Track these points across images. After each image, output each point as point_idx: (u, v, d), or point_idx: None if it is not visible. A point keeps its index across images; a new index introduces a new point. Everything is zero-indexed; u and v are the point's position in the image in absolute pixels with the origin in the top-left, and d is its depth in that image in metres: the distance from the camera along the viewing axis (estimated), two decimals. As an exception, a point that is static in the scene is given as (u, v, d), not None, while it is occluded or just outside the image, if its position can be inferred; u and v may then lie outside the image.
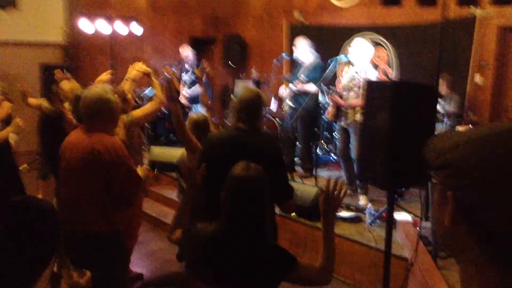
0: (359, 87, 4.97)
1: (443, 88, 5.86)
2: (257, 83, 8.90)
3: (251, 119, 2.76)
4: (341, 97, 5.14)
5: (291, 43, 8.27)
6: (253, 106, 2.77)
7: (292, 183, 4.83)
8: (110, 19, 8.10)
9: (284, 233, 4.62)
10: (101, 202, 2.69)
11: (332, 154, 7.05)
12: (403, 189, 4.50)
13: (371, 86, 2.66)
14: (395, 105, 2.50)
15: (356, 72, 5.02)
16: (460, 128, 4.33)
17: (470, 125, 5.78)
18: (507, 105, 5.51)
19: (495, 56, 6.07)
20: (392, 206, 2.66)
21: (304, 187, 4.74)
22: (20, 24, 8.69)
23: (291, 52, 7.28)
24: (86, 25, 8.07)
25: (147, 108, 3.76)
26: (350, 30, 7.62)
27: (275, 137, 6.59)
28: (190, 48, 7.33)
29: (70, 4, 9.11)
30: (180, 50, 7.32)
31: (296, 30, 8.37)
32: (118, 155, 2.70)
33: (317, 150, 6.52)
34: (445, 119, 5.60)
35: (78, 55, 9.12)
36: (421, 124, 2.51)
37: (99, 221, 2.69)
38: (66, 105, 4.17)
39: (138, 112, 3.66)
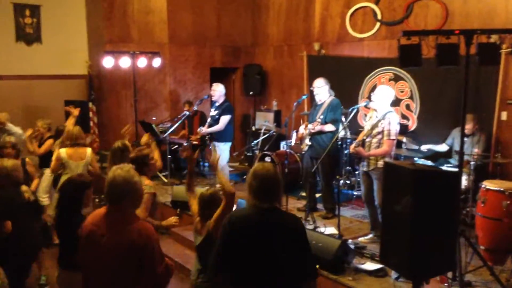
0: (381, 134, 4.96)
1: (469, 126, 5.75)
2: (277, 115, 8.92)
3: (270, 198, 2.73)
4: (363, 143, 5.10)
5: (310, 74, 8.31)
6: (270, 185, 2.74)
7: (314, 234, 4.85)
8: (133, 55, 8.22)
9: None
10: None
11: (355, 192, 6.97)
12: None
13: (390, 169, 2.62)
14: (417, 192, 2.46)
15: (379, 120, 4.99)
16: (487, 183, 4.22)
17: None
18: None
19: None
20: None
21: (326, 239, 4.67)
22: (46, 59, 8.92)
23: (310, 84, 7.29)
24: (109, 61, 8.21)
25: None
26: (370, 62, 7.58)
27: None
28: (223, 86, 7.33)
29: (94, 39, 9.31)
30: (214, 86, 7.33)
31: (316, 61, 8.39)
32: (150, 238, 2.68)
33: (339, 185, 6.43)
34: (471, 162, 5.48)
35: (102, 89, 9.29)
36: (445, 211, 2.46)
37: None
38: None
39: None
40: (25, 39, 8.82)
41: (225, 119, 7.11)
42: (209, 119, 7.39)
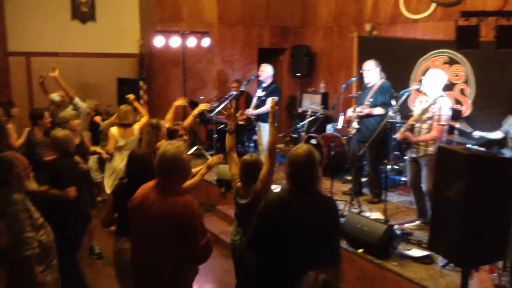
0: (432, 120, 4.82)
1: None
2: (324, 97, 8.81)
3: (302, 181, 2.72)
4: (412, 129, 4.97)
5: (360, 55, 8.13)
6: (304, 168, 2.71)
7: (359, 218, 4.80)
8: (183, 35, 8.32)
9: (350, 269, 4.58)
10: (177, 262, 2.80)
11: (402, 177, 6.83)
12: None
13: (443, 154, 2.54)
14: (471, 178, 2.38)
15: (430, 104, 4.83)
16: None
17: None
18: None
19: None
20: (466, 283, 2.55)
21: (372, 223, 4.62)
22: (99, 37, 9.17)
23: (359, 66, 7.13)
24: (160, 41, 8.34)
25: (195, 180, 4.01)
26: (424, 44, 7.32)
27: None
28: (271, 67, 7.28)
29: (145, 18, 9.46)
30: (262, 66, 7.29)
31: (367, 42, 8.20)
32: (194, 212, 2.79)
33: (386, 170, 6.28)
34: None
35: (152, 67, 9.46)
36: (499, 199, 2.37)
37: (173, 282, 2.82)
38: None
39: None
40: (80, 17, 9.08)
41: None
42: (255, 100, 7.41)
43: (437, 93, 4.90)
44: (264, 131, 7.26)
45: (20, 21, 8.48)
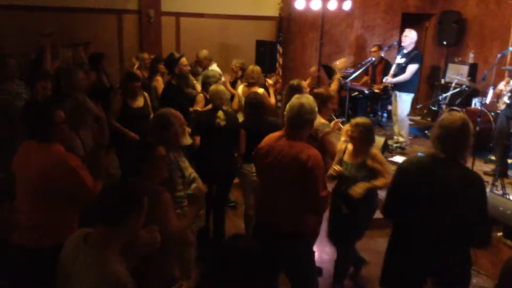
0: None
1: None
2: (472, 69, 8.08)
3: (451, 150, 2.54)
4: None
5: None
6: (456, 137, 2.53)
7: (502, 200, 4.40)
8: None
9: (486, 252, 4.25)
10: (297, 208, 2.97)
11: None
12: None
13: None
14: None
15: None
16: None
17: None
18: None
19: None
20: None
21: (515, 207, 4.22)
22: (241, 0, 9.45)
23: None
24: (301, 3, 8.29)
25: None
26: None
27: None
28: (415, 33, 6.87)
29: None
30: (406, 31, 6.92)
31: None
32: (318, 163, 2.91)
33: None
34: None
35: (290, 31, 9.52)
36: None
37: (292, 222, 2.99)
38: None
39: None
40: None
41: (412, 68, 6.72)
42: (394, 66, 7.07)
43: None
44: (401, 101, 6.93)
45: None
